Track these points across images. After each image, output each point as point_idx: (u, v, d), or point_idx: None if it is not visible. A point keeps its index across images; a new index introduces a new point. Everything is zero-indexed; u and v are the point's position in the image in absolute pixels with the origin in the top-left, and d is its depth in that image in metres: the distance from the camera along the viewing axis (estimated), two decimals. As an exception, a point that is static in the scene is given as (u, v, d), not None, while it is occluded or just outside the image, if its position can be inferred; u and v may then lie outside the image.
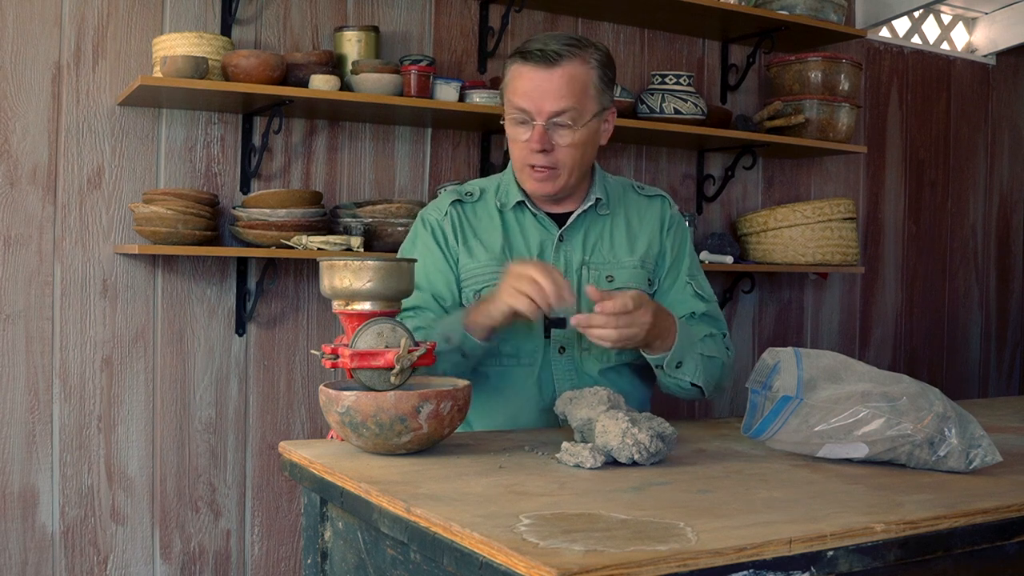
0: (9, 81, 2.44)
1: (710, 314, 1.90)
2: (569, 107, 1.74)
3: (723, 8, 3.10)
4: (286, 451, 1.50)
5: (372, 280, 1.43)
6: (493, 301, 1.65)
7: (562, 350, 1.83)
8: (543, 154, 1.76)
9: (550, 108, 1.74)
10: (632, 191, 1.95)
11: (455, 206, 1.88)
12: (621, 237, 1.89)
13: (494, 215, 1.87)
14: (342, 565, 1.38)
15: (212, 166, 2.67)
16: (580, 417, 1.47)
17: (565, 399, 1.53)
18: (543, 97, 1.73)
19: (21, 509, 2.47)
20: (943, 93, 4.10)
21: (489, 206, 1.89)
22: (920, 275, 4.06)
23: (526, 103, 1.75)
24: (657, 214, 1.93)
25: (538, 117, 1.74)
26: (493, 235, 1.85)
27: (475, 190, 1.91)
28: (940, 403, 1.35)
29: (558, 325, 1.80)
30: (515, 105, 1.77)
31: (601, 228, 1.88)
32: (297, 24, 2.77)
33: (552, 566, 0.88)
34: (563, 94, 1.73)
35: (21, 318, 2.46)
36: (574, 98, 1.74)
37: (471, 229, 1.86)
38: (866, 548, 1.04)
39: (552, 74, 1.73)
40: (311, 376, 2.81)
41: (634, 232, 1.90)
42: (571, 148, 1.77)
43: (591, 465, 1.33)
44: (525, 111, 1.75)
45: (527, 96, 1.75)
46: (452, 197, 1.90)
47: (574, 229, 1.87)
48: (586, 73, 1.76)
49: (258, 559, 2.76)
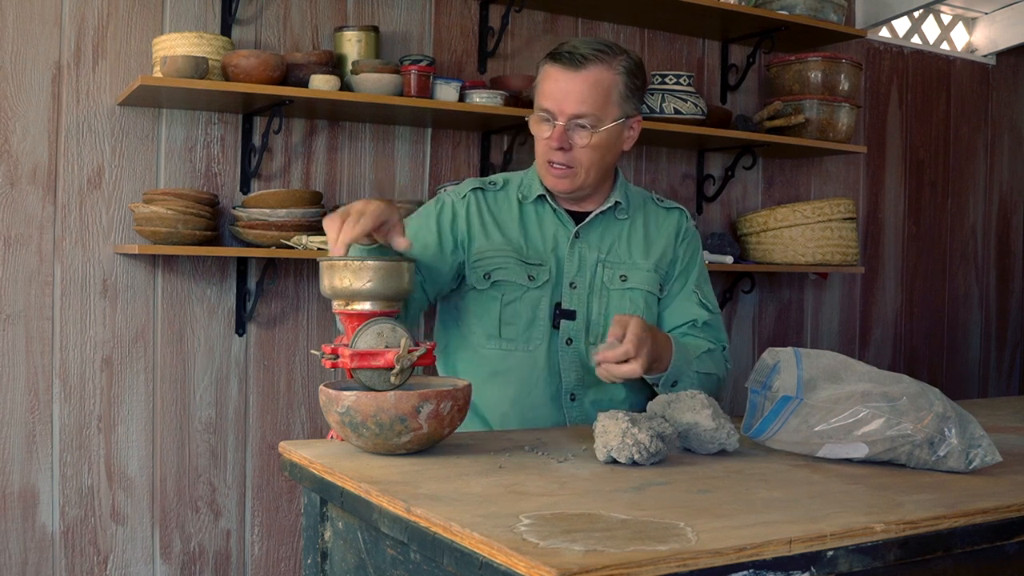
0: (9, 81, 2.44)
1: (711, 324, 1.94)
2: (590, 112, 1.79)
3: (723, 8, 3.10)
4: (286, 451, 1.50)
5: (372, 280, 1.43)
6: None
7: (569, 341, 1.86)
8: (561, 152, 1.81)
9: (571, 110, 1.78)
10: (652, 202, 2.01)
11: (476, 193, 1.93)
12: (638, 241, 1.93)
13: (514, 205, 1.92)
14: (342, 565, 1.38)
15: (212, 166, 2.67)
16: (686, 421, 1.45)
17: (662, 402, 1.50)
18: (565, 98, 1.78)
19: (21, 509, 2.47)
20: (943, 93, 4.10)
21: (511, 197, 1.93)
22: (920, 275, 4.06)
23: (550, 103, 1.80)
24: (674, 224, 1.98)
25: (559, 117, 1.79)
26: (510, 223, 1.90)
27: (499, 180, 1.97)
28: (940, 403, 1.35)
29: (568, 316, 1.84)
30: (540, 104, 1.82)
31: (619, 231, 1.93)
32: (297, 24, 2.77)
33: (552, 566, 0.88)
34: (585, 98, 1.78)
35: (21, 318, 2.46)
36: (595, 103, 1.79)
37: (491, 216, 1.91)
38: (866, 548, 1.04)
39: (576, 77, 1.78)
40: (311, 376, 2.81)
41: (651, 238, 1.95)
42: (588, 150, 1.81)
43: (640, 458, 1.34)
44: (548, 111, 1.80)
45: (551, 96, 1.80)
46: (475, 184, 1.95)
47: (591, 228, 1.91)
48: (611, 79, 1.80)
49: (258, 559, 2.76)
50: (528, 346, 1.85)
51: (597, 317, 1.87)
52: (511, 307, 1.85)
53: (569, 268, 1.87)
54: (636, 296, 1.89)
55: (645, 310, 1.89)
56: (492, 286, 1.85)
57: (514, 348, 1.85)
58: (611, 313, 1.85)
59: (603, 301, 1.87)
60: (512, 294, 1.85)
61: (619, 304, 1.87)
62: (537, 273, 1.86)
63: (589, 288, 1.87)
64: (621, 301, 1.87)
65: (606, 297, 1.87)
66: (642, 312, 1.88)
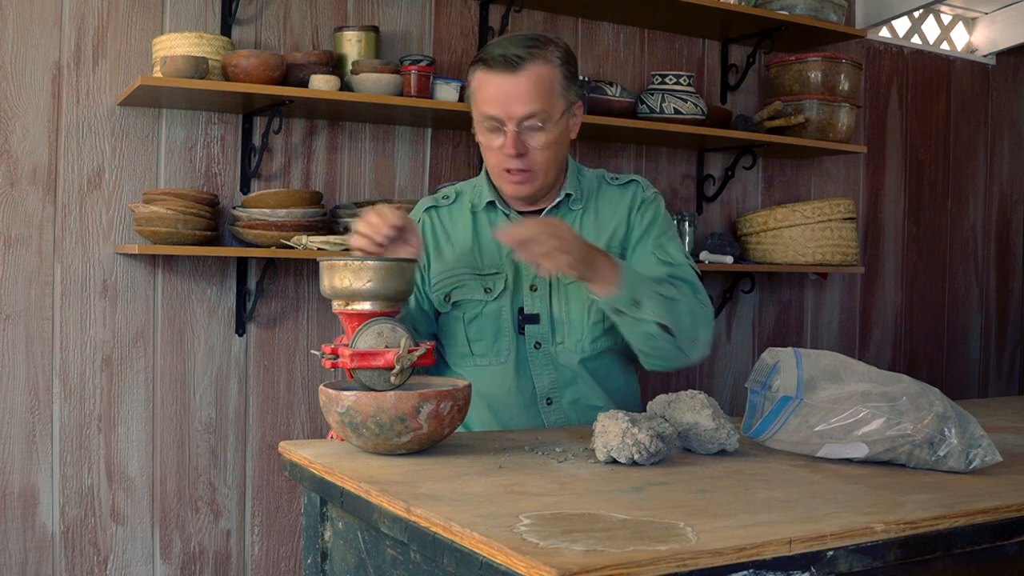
0: (9, 81, 2.44)
1: (676, 276, 1.81)
2: (538, 110, 1.74)
3: (723, 8, 3.10)
4: (286, 451, 1.50)
5: (372, 280, 1.43)
6: None
7: (538, 345, 1.83)
8: (519, 158, 1.77)
9: (519, 112, 1.74)
10: (605, 183, 1.94)
11: (428, 213, 1.92)
12: (589, 229, 1.86)
13: (467, 217, 1.90)
14: (342, 565, 1.38)
15: (212, 166, 2.67)
16: (686, 421, 1.44)
17: (662, 402, 1.49)
18: (511, 102, 1.74)
19: (21, 509, 2.47)
20: (943, 93, 4.10)
21: (464, 208, 1.91)
22: (920, 275, 4.06)
23: (495, 110, 1.75)
24: (627, 200, 1.90)
25: (509, 122, 1.75)
26: (464, 236, 1.88)
27: (451, 193, 1.95)
28: (940, 403, 1.35)
29: (531, 321, 1.82)
30: (485, 113, 1.77)
31: (571, 222, 1.86)
32: (297, 24, 2.77)
33: (552, 566, 0.88)
34: (531, 97, 1.74)
35: (21, 318, 2.46)
36: (542, 100, 1.74)
37: (444, 233, 1.90)
38: (866, 548, 1.04)
39: (518, 79, 1.73)
40: (311, 376, 2.81)
41: (602, 221, 1.88)
42: (545, 149, 1.78)
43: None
44: (495, 118, 1.76)
45: (495, 103, 1.75)
46: (428, 203, 1.94)
47: None
48: (550, 72, 1.76)
49: (258, 559, 2.76)
50: (499, 358, 1.83)
51: (560, 315, 1.83)
52: (475, 324, 1.83)
53: (527, 270, 1.81)
54: None
55: None
56: (454, 307, 1.85)
57: (487, 363, 1.84)
58: (573, 310, 1.82)
59: (562, 298, 1.83)
60: (473, 310, 1.84)
61: (579, 298, 1.82)
62: (493, 284, 1.83)
63: (549, 287, 1.83)
64: (579, 294, 1.81)
65: (564, 293, 1.83)
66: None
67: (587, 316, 1.83)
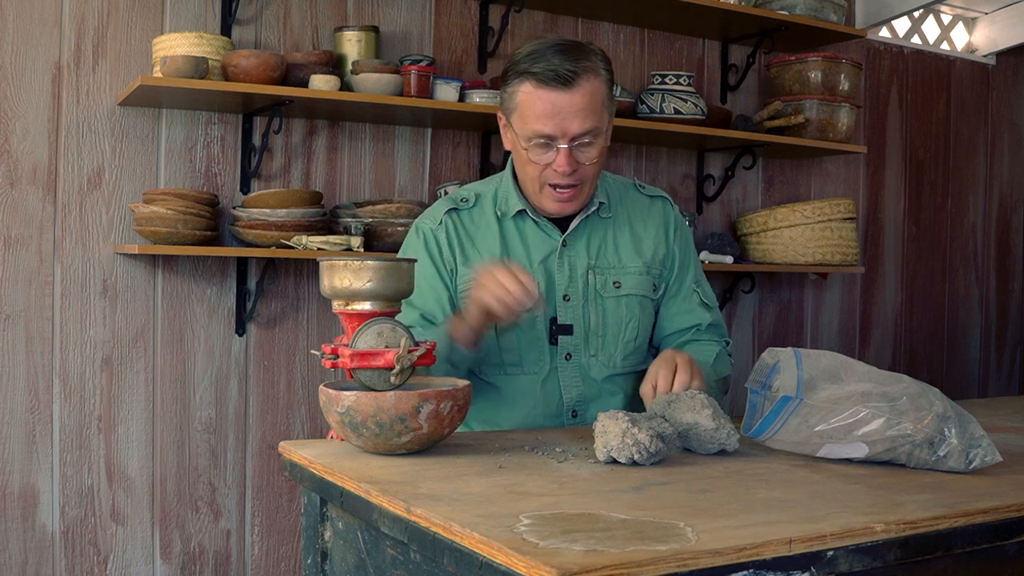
0: (9, 81, 2.44)
1: (715, 323, 1.91)
2: (593, 126, 1.69)
3: (723, 8, 3.10)
4: (286, 451, 1.50)
5: (372, 280, 1.43)
6: (468, 307, 1.64)
7: (569, 356, 1.80)
8: (571, 175, 1.72)
9: (575, 130, 1.68)
10: (633, 190, 1.93)
11: (450, 215, 1.83)
12: (625, 240, 1.86)
13: (492, 223, 1.83)
14: (342, 565, 1.38)
15: (212, 166, 2.67)
16: (686, 421, 1.44)
17: (662, 402, 1.49)
18: (566, 120, 1.67)
19: (21, 509, 2.47)
20: (943, 93, 4.10)
21: (487, 213, 1.84)
22: (920, 275, 4.06)
23: (549, 128, 1.68)
24: (660, 216, 1.91)
25: (563, 140, 1.69)
26: (491, 244, 1.81)
27: (470, 196, 1.87)
28: (940, 403, 1.35)
29: (564, 331, 1.79)
30: (536, 131, 1.69)
31: (604, 232, 1.85)
32: (297, 24, 2.77)
33: (552, 566, 0.88)
34: (586, 114, 1.68)
35: (21, 318, 2.46)
36: (595, 115, 1.69)
37: (468, 238, 1.83)
38: (866, 548, 1.04)
39: (572, 95, 1.67)
40: (311, 376, 2.81)
41: (638, 235, 1.88)
42: (595, 164, 1.74)
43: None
44: (549, 136, 1.69)
45: (549, 120, 1.68)
46: (447, 205, 1.85)
47: (577, 234, 1.83)
48: (600, 86, 1.71)
49: (258, 559, 2.76)
50: (532, 367, 1.79)
51: (595, 328, 1.81)
52: (506, 334, 1.77)
53: (560, 279, 1.80)
54: (632, 302, 1.83)
55: (640, 315, 1.84)
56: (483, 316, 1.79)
57: (519, 372, 1.80)
58: (608, 323, 1.81)
59: (599, 310, 1.81)
60: None
61: (615, 312, 1.81)
62: None
63: (583, 298, 1.80)
64: (617, 309, 1.82)
65: (601, 306, 1.81)
66: (637, 318, 1.83)
67: (623, 332, 1.82)
